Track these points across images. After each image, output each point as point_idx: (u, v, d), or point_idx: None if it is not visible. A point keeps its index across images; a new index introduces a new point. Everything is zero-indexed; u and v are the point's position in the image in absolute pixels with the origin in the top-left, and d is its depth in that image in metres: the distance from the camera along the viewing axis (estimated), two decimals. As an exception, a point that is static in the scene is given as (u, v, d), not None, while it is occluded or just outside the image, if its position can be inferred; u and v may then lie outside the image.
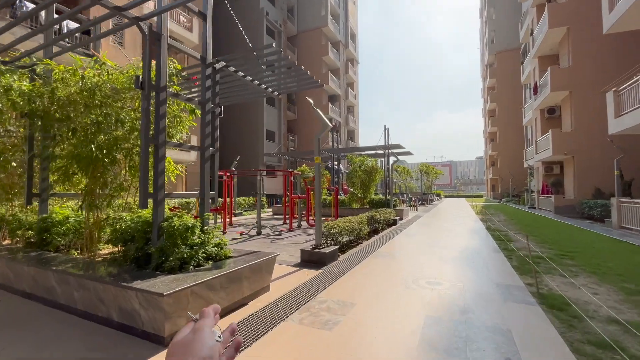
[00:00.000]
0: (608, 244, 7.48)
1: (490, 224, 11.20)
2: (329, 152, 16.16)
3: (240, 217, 15.40)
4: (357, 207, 15.58)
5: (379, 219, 9.66)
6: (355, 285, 4.33)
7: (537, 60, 18.77)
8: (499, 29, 39.65)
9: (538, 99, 17.80)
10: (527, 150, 23.95)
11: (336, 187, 9.99)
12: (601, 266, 5.28)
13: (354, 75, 40.42)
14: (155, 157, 3.50)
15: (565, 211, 14.89)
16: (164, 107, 3.56)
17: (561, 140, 15.11)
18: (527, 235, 4.31)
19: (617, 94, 9.16)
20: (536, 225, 11.51)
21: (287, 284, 4.38)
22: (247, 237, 8.69)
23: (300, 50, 34.12)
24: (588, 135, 14.65)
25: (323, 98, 32.96)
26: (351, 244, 7.49)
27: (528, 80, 22.92)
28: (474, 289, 4.12)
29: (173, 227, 3.40)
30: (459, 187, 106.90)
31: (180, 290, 2.72)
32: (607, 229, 9.66)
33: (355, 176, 15.20)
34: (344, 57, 37.70)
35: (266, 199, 21.37)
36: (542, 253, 6.26)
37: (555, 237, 8.56)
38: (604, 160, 14.26)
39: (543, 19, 16.47)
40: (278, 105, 29.05)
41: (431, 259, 5.91)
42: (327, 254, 5.47)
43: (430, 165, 31.34)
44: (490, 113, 42.40)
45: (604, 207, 11.65)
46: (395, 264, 5.53)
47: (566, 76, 15.11)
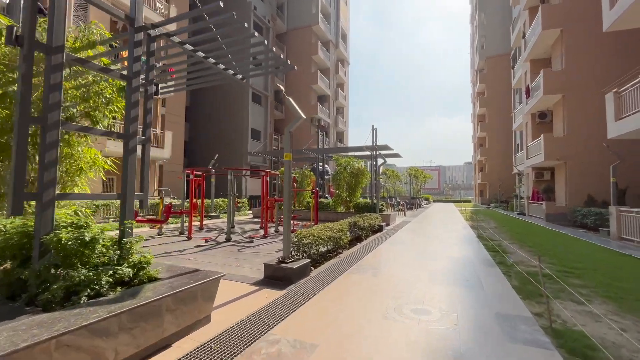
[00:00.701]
0: (611, 257, 6.81)
1: (482, 232, 10.50)
2: (314, 152, 15.28)
3: (216, 220, 14.32)
4: (342, 211, 14.73)
5: (362, 225, 8.80)
6: (322, 314, 3.42)
7: (529, 63, 18.38)
8: (489, 35, 39.72)
9: (530, 103, 17.38)
10: (516, 155, 23.63)
11: (316, 190, 9.08)
12: (614, 287, 4.53)
13: (344, 76, 39.76)
14: (43, 143, 2.52)
15: (556, 219, 14.39)
16: (59, 76, 2.59)
17: (553, 146, 14.64)
18: (539, 256, 3.51)
19: (618, 95, 8.60)
20: (529, 234, 10.87)
21: (236, 311, 3.44)
22: (213, 244, 7.69)
23: (289, 48, 33.23)
24: (580, 141, 14.21)
25: (312, 98, 32.13)
26: (329, 254, 6.59)
27: (519, 85, 22.62)
28: (470, 321, 3.27)
29: (60, 242, 2.42)
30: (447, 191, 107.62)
31: (33, 345, 1.75)
32: (604, 240, 9.06)
33: (341, 178, 14.34)
34: (334, 57, 37.00)
35: (248, 201, 20.30)
36: (543, 269, 5.50)
37: (553, 248, 7.86)
38: (596, 167, 13.83)
39: (536, 21, 16.05)
40: (265, 104, 28.04)
41: (419, 276, 5.06)
42: (295, 269, 4.55)
43: (419, 169, 30.85)
44: (479, 118, 42.39)
45: (599, 216, 11.11)
46: (376, 283, 4.65)
47: (559, 79, 14.67)
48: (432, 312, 3.50)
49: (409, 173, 29.29)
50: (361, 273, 5.19)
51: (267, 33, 28.72)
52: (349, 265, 5.77)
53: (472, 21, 49.61)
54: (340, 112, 39.52)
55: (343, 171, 14.28)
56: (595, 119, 13.95)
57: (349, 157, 14.60)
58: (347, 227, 7.58)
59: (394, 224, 13.42)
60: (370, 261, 6.13)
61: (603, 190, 13.53)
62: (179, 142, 19.88)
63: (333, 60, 36.41)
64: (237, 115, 25.49)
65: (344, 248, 7.31)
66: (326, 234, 6.09)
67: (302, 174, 16.07)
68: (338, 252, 7.00)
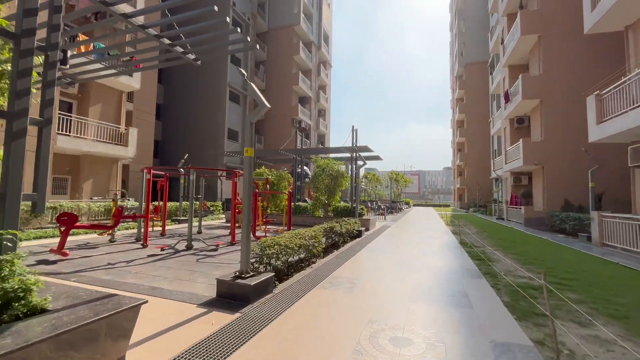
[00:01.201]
0: (599, 266, 6.47)
1: (464, 238, 10.11)
2: (291, 152, 14.54)
3: (186, 224, 13.23)
4: (321, 215, 14.05)
5: (339, 231, 8.13)
6: (280, 348, 2.68)
7: (507, 69, 18.54)
8: (468, 42, 40.61)
9: (508, 108, 17.46)
10: (494, 160, 23.88)
11: (290, 192, 8.34)
12: (614, 303, 4.06)
13: (327, 78, 39.37)
14: None
15: (534, 223, 14.34)
16: None
17: (531, 150, 14.65)
18: (543, 273, 2.94)
19: (600, 98, 8.45)
20: (511, 239, 10.59)
21: (167, 346, 2.63)
22: (170, 252, 6.76)
23: (270, 47, 32.45)
24: (558, 146, 14.28)
25: (293, 99, 31.42)
26: (301, 264, 5.87)
27: (497, 91, 22.91)
28: (461, 355, 2.63)
29: None
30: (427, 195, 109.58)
31: None
32: (586, 246, 8.85)
33: (320, 181, 13.67)
34: (317, 59, 36.53)
35: (222, 204, 19.22)
36: (533, 279, 5.03)
37: (539, 255, 7.50)
38: (572, 172, 13.91)
39: (515, 26, 16.16)
40: (243, 103, 27.05)
41: (399, 291, 4.42)
42: (253, 286, 3.78)
43: (400, 173, 30.74)
44: (458, 124, 43.14)
45: (578, 221, 11.01)
46: (350, 301, 3.96)
47: (537, 84, 14.74)
48: (414, 341, 2.84)
49: (389, 177, 29.07)
50: (334, 288, 4.49)
51: (246, 30, 27.79)
52: (321, 277, 5.06)
53: (451, 29, 50.76)
54: (322, 114, 39.03)
55: (322, 173, 13.63)
56: (572, 124, 14.07)
57: (328, 159, 13.96)
58: (322, 233, 6.89)
59: (374, 229, 12.87)
60: (346, 273, 5.45)
61: (579, 195, 13.60)
62: (148, 140, 18.59)
63: (315, 62, 35.92)
64: (214, 114, 24.36)
65: (318, 257, 6.60)
66: (296, 242, 5.36)
67: (279, 175, 15.26)
68: (311, 261, 6.29)
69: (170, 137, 25.51)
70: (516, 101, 15.95)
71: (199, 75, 25.08)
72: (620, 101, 7.73)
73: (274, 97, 31.84)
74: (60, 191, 12.58)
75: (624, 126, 7.43)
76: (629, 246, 7.46)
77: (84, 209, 10.84)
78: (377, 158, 15.31)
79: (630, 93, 7.57)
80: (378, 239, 9.92)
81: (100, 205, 11.36)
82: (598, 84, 10.30)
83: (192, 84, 25.30)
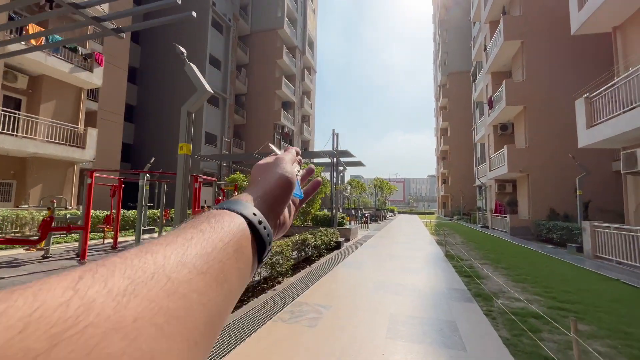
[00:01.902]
0: (600, 284, 5.82)
1: (449, 249, 9.40)
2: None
3: (151, 235, 11.99)
4: (298, 224, 13.12)
5: (313, 243, 7.24)
6: None
7: (490, 76, 18.39)
8: (451, 52, 41.18)
9: (492, 115, 17.21)
10: (478, 168, 23.70)
11: None
12: (634, 338, 3.32)
13: (311, 83, 38.83)
14: None
15: (520, 232, 13.89)
16: None
17: (516, 157, 14.30)
18: (574, 322, 2.15)
19: (590, 101, 8.01)
20: (499, 250, 9.97)
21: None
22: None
23: (252, 51, 31.66)
24: (542, 153, 13.98)
25: (275, 103, 30.57)
26: (263, 285, 4.95)
27: (480, 98, 22.85)
28: None
29: None
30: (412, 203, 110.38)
31: None
32: (578, 258, 8.30)
33: (298, 187, 12.77)
34: (301, 64, 35.97)
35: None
36: (531, 302, 4.28)
37: (531, 270, 6.83)
38: (558, 180, 13.61)
39: (498, 33, 16.00)
40: (222, 106, 25.98)
41: (374, 322, 3.55)
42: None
43: (385, 181, 30.24)
44: (442, 132, 43.40)
45: (566, 231, 10.54)
46: (311, 343, 3.05)
47: (521, 90, 14.50)
48: (389, 418, 1.95)
49: (374, 184, 28.49)
50: (295, 320, 3.57)
51: (227, 32, 26.94)
52: (282, 304, 4.14)
53: (435, 39, 51.57)
54: (306, 120, 38.34)
55: (300, 179, 12.74)
56: (557, 131, 13.83)
57: (308, 163, 13.10)
58: (291, 247, 5.98)
59: (355, 239, 12.04)
60: (314, 297, 4.54)
61: (565, 203, 13.27)
62: (114, 142, 17.23)
63: (299, 67, 35.34)
64: (190, 117, 23.14)
65: (285, 275, 5.67)
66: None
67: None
68: (277, 281, 5.36)
69: (144, 141, 24.08)
70: (500, 107, 15.67)
71: (174, 76, 23.90)
72: (611, 104, 7.29)
73: (256, 102, 30.94)
74: (4, 197, 11.14)
75: (617, 130, 6.96)
76: (624, 259, 6.91)
77: (25, 218, 9.50)
78: (359, 164, 14.58)
79: (621, 95, 7.13)
80: (358, 252, 9.08)
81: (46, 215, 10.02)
82: (587, 86, 9.98)
83: (168, 85, 24.08)
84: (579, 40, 13.03)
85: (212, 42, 24.55)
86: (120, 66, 17.74)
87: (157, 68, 24.65)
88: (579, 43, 13.44)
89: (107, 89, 16.49)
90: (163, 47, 24.69)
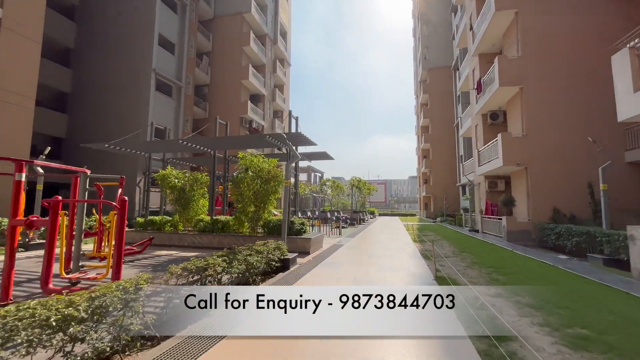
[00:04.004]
0: None
1: (439, 265, 6.74)
2: (198, 144, 10.58)
3: (38, 251, 8.63)
4: (247, 232, 10.15)
5: (220, 268, 4.31)
6: None
7: (477, 58, 16.17)
8: (431, 46, 39.51)
9: (481, 101, 14.92)
10: (463, 164, 21.53)
11: (118, 205, 4.33)
12: None
13: (284, 76, 35.88)
14: None
15: (519, 237, 11.52)
16: None
17: (512, 148, 11.97)
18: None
19: (637, 52, 5.58)
20: (505, 266, 7.41)
21: None
22: None
23: (216, 37, 28.45)
24: (543, 142, 11.72)
25: (242, 94, 27.42)
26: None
27: (465, 88, 20.71)
28: None
29: None
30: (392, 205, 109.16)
31: None
32: (619, 279, 5.82)
33: (244, 184, 9.80)
34: (272, 54, 32.99)
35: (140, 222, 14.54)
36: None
37: (572, 304, 4.20)
38: (562, 173, 11.36)
39: (487, 5, 13.74)
40: (176, 96, 22.57)
41: None
42: None
43: (363, 180, 27.64)
44: (423, 129, 41.59)
45: (586, 237, 8.12)
46: None
47: (516, 68, 12.22)
48: None
49: (351, 184, 25.83)
50: None
51: (183, 12, 23.61)
52: None
53: (414, 34, 50.00)
54: (279, 115, 35.30)
55: (246, 176, 9.77)
56: (560, 116, 11.62)
57: (257, 155, 10.14)
58: (176, 278, 3.04)
59: (319, 252, 9.20)
60: None
61: (571, 202, 11.02)
62: (20, 131, 13.59)
63: (270, 57, 32.34)
64: (134, 107, 19.63)
65: (133, 348, 2.69)
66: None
67: (192, 178, 11.15)
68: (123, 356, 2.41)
69: (80, 134, 20.25)
70: (491, 91, 13.36)
71: (116, 59, 20.31)
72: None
73: (221, 94, 27.67)
74: None
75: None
76: None
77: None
78: (325, 156, 11.77)
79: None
80: (313, 273, 6.24)
81: None
82: (625, 37, 7.60)
83: (108, 68, 20.44)
84: (585, 5, 10.90)
85: (163, 21, 21.16)
86: (30, 37, 14.15)
87: (96, 50, 20.95)
88: (586, 9, 11.34)
89: (7, 62, 12.94)
90: (103, 24, 21.06)
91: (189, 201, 11.02)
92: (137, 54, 20.07)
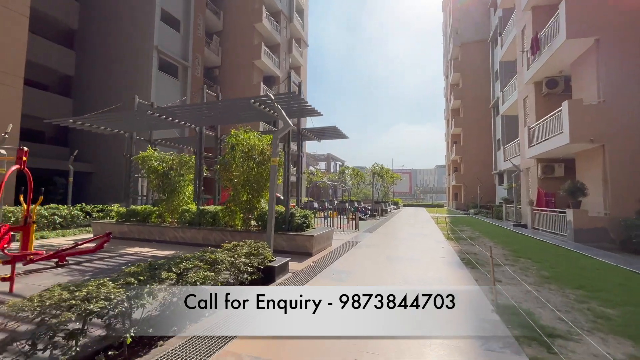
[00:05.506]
0: None
1: (499, 282, 4.44)
2: (177, 112, 8.74)
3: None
4: (239, 226, 8.24)
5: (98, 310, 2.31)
6: None
7: (530, 13, 13.03)
8: (464, 19, 35.42)
9: (535, 64, 11.93)
10: (505, 148, 18.41)
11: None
12: None
13: (301, 57, 33.51)
14: None
15: (591, 237, 8.78)
16: None
17: (584, 119, 9.09)
18: None
19: None
20: (599, 286, 4.97)
21: None
22: None
23: (227, 15, 26.61)
24: (628, 112, 8.77)
25: (254, 76, 25.50)
26: None
27: (508, 56, 17.44)
28: None
29: None
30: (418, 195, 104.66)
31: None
32: None
33: (234, 167, 7.85)
34: (287, 33, 30.70)
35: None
36: None
37: None
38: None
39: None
40: (182, 76, 21.04)
41: None
42: None
43: (385, 167, 25.05)
44: (453, 113, 37.86)
45: None
46: None
47: (593, 12, 9.20)
48: None
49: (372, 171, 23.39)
50: None
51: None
52: None
53: (444, 8, 45.53)
54: (296, 100, 33.12)
55: (237, 154, 7.78)
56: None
57: (252, 131, 8.12)
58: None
59: (325, 252, 7.13)
60: None
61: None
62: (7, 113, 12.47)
63: (285, 36, 30.08)
64: (134, 88, 18.27)
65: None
66: None
67: (178, 161, 9.38)
68: None
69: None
70: (552, 48, 10.41)
71: (118, 38, 18.99)
72: None
73: (232, 76, 25.93)
74: None
75: None
76: None
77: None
78: (336, 133, 9.52)
79: None
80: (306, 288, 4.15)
81: None
82: None
83: (111, 49, 19.18)
84: None
85: (166, -6, 19.49)
86: (15, 9, 12.89)
87: (99, 29, 19.76)
88: None
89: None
90: (105, 3, 19.77)
91: (173, 188, 9.27)
92: (138, 30, 18.60)
